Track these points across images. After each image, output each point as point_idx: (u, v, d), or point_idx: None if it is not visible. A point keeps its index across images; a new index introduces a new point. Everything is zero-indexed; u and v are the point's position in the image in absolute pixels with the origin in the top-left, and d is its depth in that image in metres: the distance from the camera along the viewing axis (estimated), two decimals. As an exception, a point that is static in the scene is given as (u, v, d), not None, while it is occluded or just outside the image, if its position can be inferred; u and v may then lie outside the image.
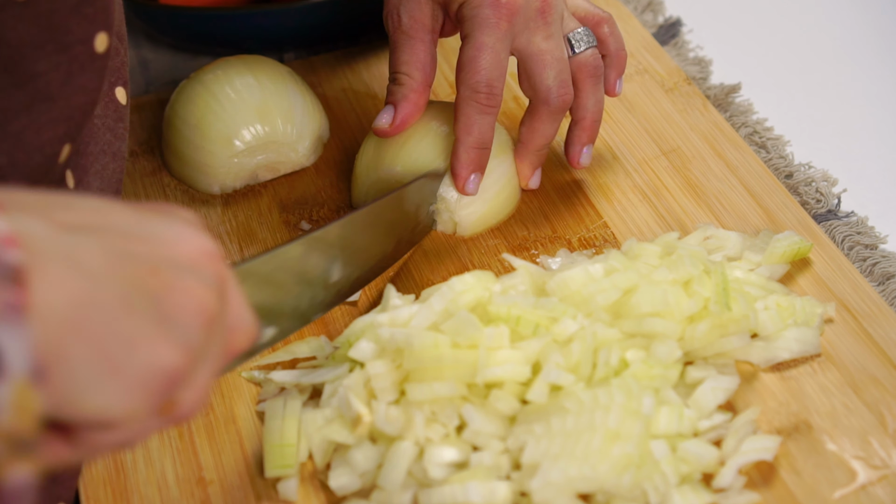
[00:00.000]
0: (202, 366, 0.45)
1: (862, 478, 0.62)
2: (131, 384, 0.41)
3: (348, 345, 0.68)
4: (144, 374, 0.41)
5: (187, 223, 0.46)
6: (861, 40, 1.03)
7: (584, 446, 0.60)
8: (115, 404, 0.41)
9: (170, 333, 0.42)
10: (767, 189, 0.81)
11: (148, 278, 0.42)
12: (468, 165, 0.75)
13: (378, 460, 0.63)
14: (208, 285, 0.44)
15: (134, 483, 0.65)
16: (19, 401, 0.38)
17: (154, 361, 0.41)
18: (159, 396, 0.42)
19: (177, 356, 0.42)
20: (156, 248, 0.43)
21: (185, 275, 0.43)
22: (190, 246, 0.45)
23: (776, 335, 0.68)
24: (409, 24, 0.76)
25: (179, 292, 0.43)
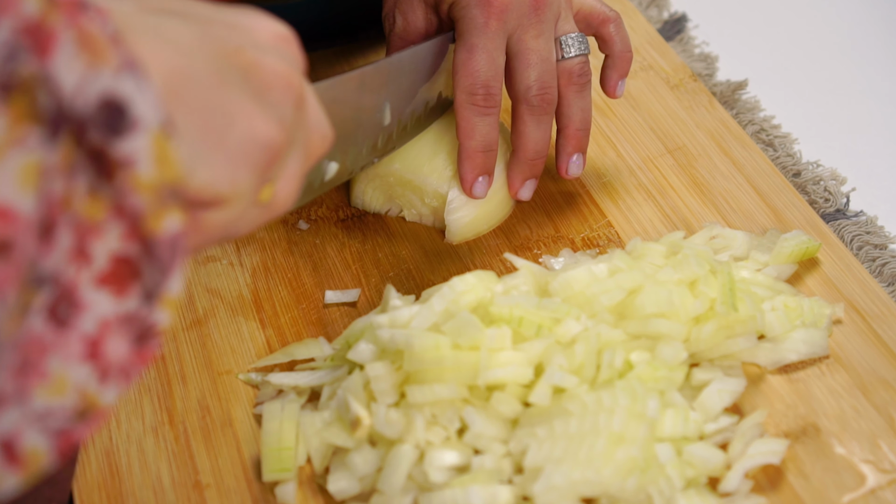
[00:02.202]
0: (293, 151, 0.47)
1: (871, 482, 0.63)
2: (235, 155, 0.43)
3: (347, 346, 0.68)
4: (245, 145, 0.43)
5: (260, 13, 0.48)
6: (870, 36, 1.03)
7: (588, 450, 0.60)
8: (222, 176, 0.43)
9: (264, 108, 0.45)
10: (775, 188, 0.81)
11: (235, 56, 0.44)
12: (473, 170, 0.75)
13: (378, 464, 0.63)
14: (291, 63, 0.47)
15: (129, 487, 0.65)
16: (158, 150, 0.39)
17: (253, 133, 0.44)
18: (260, 170, 0.44)
19: (273, 129, 0.45)
20: (237, 32, 0.45)
21: (268, 53, 0.46)
22: (268, 30, 0.47)
23: (783, 336, 0.68)
24: (402, 27, 0.77)
25: (268, 69, 0.45)
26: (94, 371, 0.39)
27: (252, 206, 0.46)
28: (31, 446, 0.38)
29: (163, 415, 0.69)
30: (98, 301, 0.38)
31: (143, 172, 0.38)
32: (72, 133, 0.37)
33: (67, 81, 0.37)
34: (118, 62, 0.38)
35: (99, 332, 0.39)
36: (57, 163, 0.37)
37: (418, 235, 0.80)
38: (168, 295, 0.40)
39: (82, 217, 0.38)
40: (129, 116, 0.38)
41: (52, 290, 0.37)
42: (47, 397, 0.38)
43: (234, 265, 0.78)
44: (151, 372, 0.71)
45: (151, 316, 0.40)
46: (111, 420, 0.68)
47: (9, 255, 0.35)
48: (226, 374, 0.71)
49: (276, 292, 0.76)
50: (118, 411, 0.69)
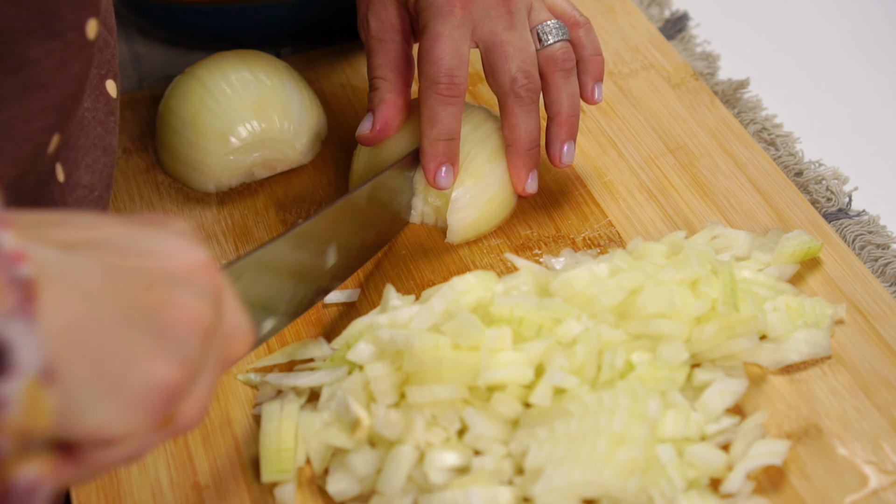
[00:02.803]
0: (200, 378, 0.46)
1: (873, 483, 0.63)
2: (130, 401, 0.42)
3: (347, 347, 0.68)
4: (143, 390, 0.42)
5: (180, 234, 0.47)
6: (873, 35, 1.03)
7: (589, 450, 0.60)
8: (115, 421, 0.42)
9: (167, 349, 0.43)
10: (776, 187, 0.81)
11: (143, 294, 0.43)
12: (435, 158, 0.75)
13: (377, 465, 0.63)
14: (203, 298, 0.45)
15: (127, 488, 0.65)
16: (30, 398, 0.39)
17: (152, 378, 0.43)
18: (159, 411, 0.43)
19: (174, 371, 0.43)
20: (150, 263, 0.44)
21: (179, 289, 0.44)
22: (184, 259, 0.45)
23: (785, 337, 0.68)
24: (377, 28, 0.77)
25: (175, 307, 0.44)
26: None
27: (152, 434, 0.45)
28: None
29: (161, 415, 0.69)
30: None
31: (9, 416, 0.38)
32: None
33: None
34: (10, 307, 0.38)
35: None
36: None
37: (418, 235, 0.80)
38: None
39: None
40: (8, 360, 0.38)
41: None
42: None
43: (233, 265, 0.78)
44: (150, 372, 0.71)
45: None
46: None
47: None
48: (224, 375, 0.71)
49: (276, 292, 0.76)
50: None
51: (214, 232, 0.81)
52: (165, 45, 1.00)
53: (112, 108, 0.67)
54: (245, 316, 0.49)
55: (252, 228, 0.81)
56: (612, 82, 0.91)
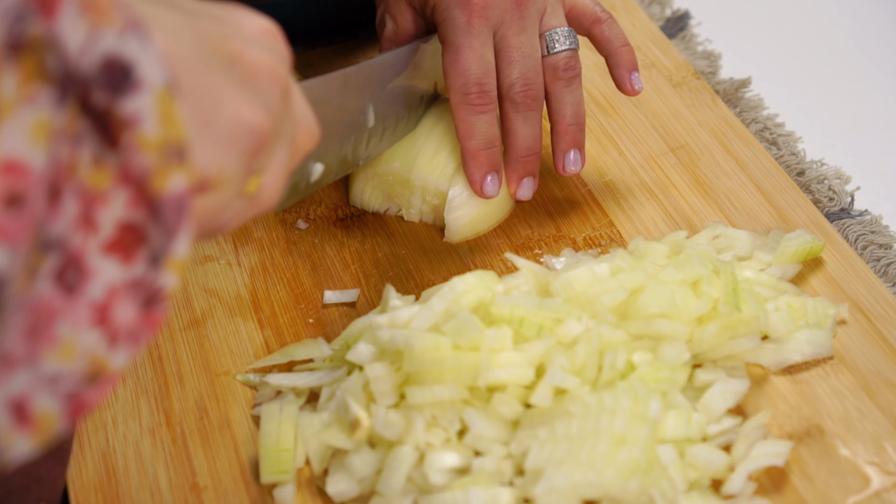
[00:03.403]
0: (280, 143, 0.48)
1: (876, 484, 0.63)
2: (222, 138, 0.44)
3: (346, 347, 0.68)
4: (233, 129, 0.44)
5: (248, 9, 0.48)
6: (874, 34, 1.03)
7: (590, 451, 0.60)
8: (210, 159, 0.43)
9: (251, 95, 0.45)
10: (778, 187, 0.81)
11: (222, 43, 0.45)
12: (479, 168, 0.75)
13: (377, 466, 0.63)
14: (278, 56, 0.47)
15: (126, 489, 0.65)
16: (163, 110, 0.39)
17: (240, 118, 0.44)
18: (248, 156, 0.45)
19: (260, 115, 0.45)
20: (223, 24, 0.46)
21: (255, 45, 0.46)
22: (255, 24, 0.48)
23: (787, 337, 0.68)
24: (392, 31, 0.78)
25: (254, 59, 0.46)
26: (102, 336, 0.39)
27: (238, 196, 0.47)
28: (43, 409, 0.38)
29: (160, 416, 0.69)
30: (105, 268, 0.39)
31: (148, 131, 0.39)
32: (78, 96, 0.38)
33: (72, 42, 0.38)
34: (122, 23, 0.39)
35: (107, 298, 0.39)
36: (64, 127, 0.37)
37: (418, 235, 0.80)
38: (175, 258, 0.41)
39: (88, 186, 0.39)
40: (133, 76, 0.39)
41: (60, 256, 0.38)
42: (57, 362, 0.39)
43: (232, 265, 0.78)
44: (148, 373, 0.71)
45: (158, 280, 0.40)
46: (108, 421, 0.68)
47: (22, 209, 0.36)
48: (224, 375, 0.71)
49: (275, 292, 0.76)
50: (115, 412, 0.69)
51: (213, 232, 0.81)
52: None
53: None
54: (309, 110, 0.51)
55: (251, 228, 0.81)
56: (613, 81, 0.91)
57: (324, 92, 0.67)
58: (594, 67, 0.92)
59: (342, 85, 0.69)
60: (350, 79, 0.69)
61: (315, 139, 0.52)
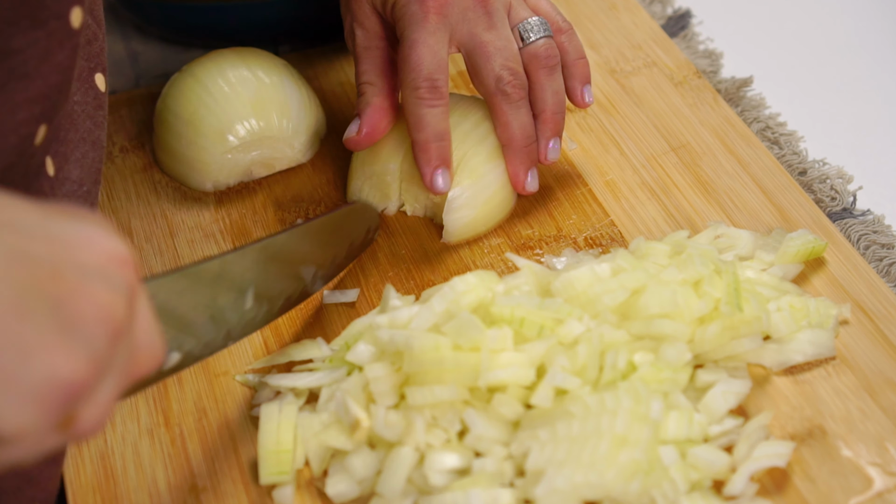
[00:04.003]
0: (106, 381, 0.43)
1: (878, 485, 0.63)
2: (26, 395, 0.39)
3: (346, 347, 0.68)
4: (41, 385, 0.40)
5: (98, 225, 0.44)
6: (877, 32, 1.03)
7: (591, 452, 0.60)
8: (9, 418, 0.39)
9: (71, 342, 0.40)
10: (780, 186, 0.81)
11: (48, 283, 0.40)
12: (429, 162, 0.75)
13: (377, 467, 0.63)
14: (116, 292, 0.42)
15: (124, 490, 0.65)
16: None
17: (52, 372, 0.40)
18: (58, 410, 0.40)
19: (78, 366, 0.40)
20: (60, 251, 0.41)
21: (90, 280, 0.41)
22: (98, 248, 0.43)
23: (789, 337, 0.69)
24: (362, 37, 0.78)
25: (83, 297, 0.41)
26: None
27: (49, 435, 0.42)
28: None
29: (158, 417, 0.69)
30: None
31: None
32: None
33: None
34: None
35: None
36: None
37: (418, 234, 0.80)
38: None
39: None
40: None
41: None
42: None
43: (231, 265, 0.78)
44: (147, 373, 0.71)
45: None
46: (106, 422, 0.68)
47: None
48: (222, 376, 0.71)
49: (274, 292, 0.76)
50: (113, 414, 0.69)
51: (212, 231, 0.81)
52: (162, 42, 1.00)
53: (101, 103, 0.67)
54: (157, 328, 0.46)
55: (250, 228, 0.81)
56: (615, 80, 0.91)
57: (190, 284, 0.58)
58: (595, 66, 0.92)
59: (218, 272, 0.61)
60: (230, 265, 0.62)
61: (158, 361, 0.46)
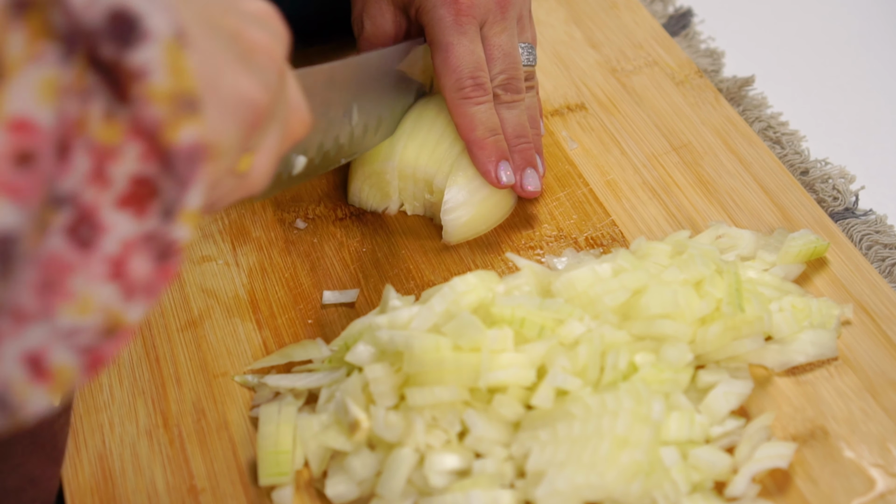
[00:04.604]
0: (274, 123, 0.48)
1: (881, 486, 0.63)
2: (223, 106, 0.44)
3: (346, 348, 0.68)
4: (232, 98, 0.44)
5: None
6: (879, 32, 1.03)
7: (592, 453, 0.60)
8: (211, 124, 0.43)
9: (250, 69, 0.46)
10: (782, 186, 0.81)
11: (222, 19, 0.45)
12: (490, 158, 0.76)
13: (377, 468, 0.63)
14: (276, 37, 0.48)
15: (122, 491, 0.65)
16: (172, 60, 0.40)
17: (240, 89, 0.45)
18: (245, 127, 0.45)
19: (258, 90, 0.45)
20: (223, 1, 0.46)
21: (253, 23, 0.47)
22: (253, 3, 0.48)
23: (791, 338, 0.69)
24: (371, 32, 0.79)
25: (253, 36, 0.46)
26: (118, 290, 0.40)
27: (230, 173, 0.47)
28: (60, 362, 0.39)
29: (157, 418, 0.69)
30: (119, 222, 0.40)
31: (158, 82, 0.39)
32: (85, 51, 0.38)
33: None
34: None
35: (121, 252, 0.40)
36: (72, 83, 0.38)
37: (418, 234, 0.80)
38: (188, 209, 0.41)
39: (99, 141, 0.39)
40: (140, 27, 0.39)
41: (72, 212, 0.39)
42: (73, 316, 0.39)
43: (230, 265, 0.78)
44: (145, 374, 0.71)
45: (172, 233, 0.41)
46: (104, 423, 0.69)
47: (32, 167, 0.36)
48: (221, 377, 0.71)
49: (273, 293, 0.76)
50: (112, 414, 0.69)
51: (211, 231, 0.81)
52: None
53: None
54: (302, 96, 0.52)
55: (249, 228, 0.81)
56: (616, 79, 0.91)
57: (310, 83, 0.67)
58: (596, 66, 0.92)
59: (328, 79, 0.69)
60: (336, 73, 0.70)
61: (307, 126, 0.52)
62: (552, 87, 0.91)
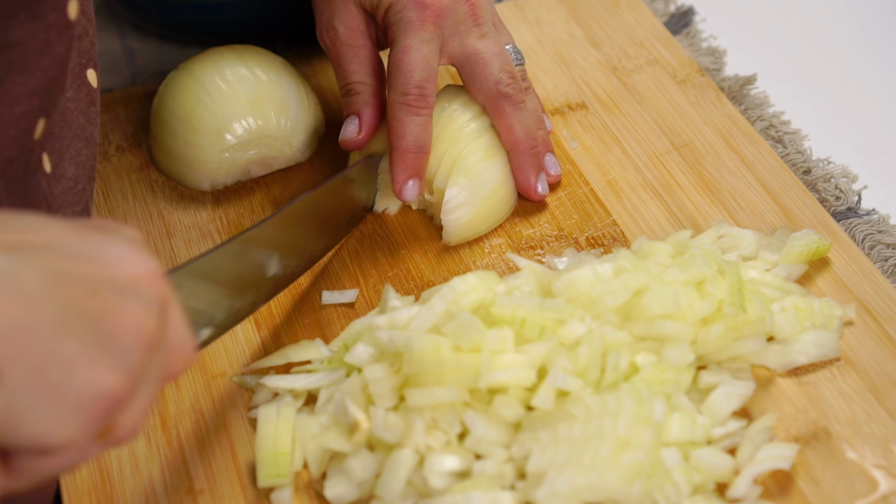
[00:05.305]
0: (142, 389, 0.46)
1: (883, 488, 0.63)
2: (70, 409, 0.42)
3: (345, 348, 0.68)
4: (83, 398, 0.43)
5: (129, 241, 0.47)
6: (882, 30, 1.03)
7: (593, 454, 0.60)
8: (53, 429, 0.42)
9: (110, 357, 0.43)
10: (784, 185, 0.81)
11: (87, 301, 0.43)
12: (404, 171, 0.76)
13: (376, 469, 0.63)
14: (149, 307, 0.45)
15: (121, 493, 0.65)
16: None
17: (93, 386, 0.43)
18: (98, 421, 0.43)
19: (117, 380, 0.43)
20: (96, 269, 0.44)
21: (125, 297, 0.44)
22: (131, 266, 0.46)
23: (793, 338, 0.69)
24: (346, 34, 0.78)
25: (119, 315, 0.44)
26: None
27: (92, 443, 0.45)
28: None
29: (155, 419, 0.69)
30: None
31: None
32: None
33: None
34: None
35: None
36: None
37: (418, 234, 0.80)
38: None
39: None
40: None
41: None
42: None
43: (229, 265, 0.78)
44: (143, 375, 0.71)
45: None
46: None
47: None
48: (220, 377, 0.71)
49: (272, 293, 0.76)
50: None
51: (209, 231, 0.81)
52: (159, 40, 1.00)
53: (93, 99, 0.67)
54: (189, 330, 0.49)
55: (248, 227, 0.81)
56: (617, 78, 0.91)
57: (217, 265, 0.63)
58: (596, 64, 0.92)
59: (239, 252, 0.65)
60: (251, 241, 0.66)
61: (190, 363, 0.50)
62: (553, 86, 0.91)
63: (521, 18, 0.97)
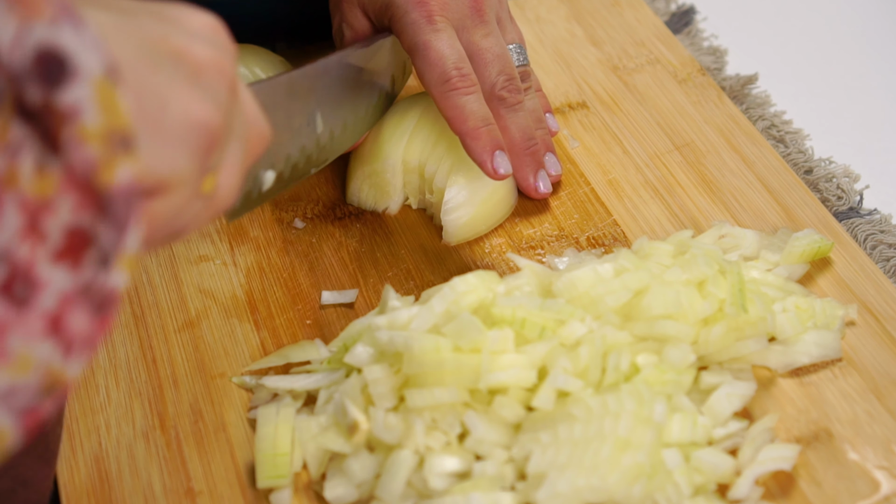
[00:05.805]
0: (232, 140, 0.47)
1: (885, 488, 0.63)
2: (173, 138, 0.43)
3: (345, 349, 0.68)
4: (183, 127, 0.43)
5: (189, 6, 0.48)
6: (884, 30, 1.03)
7: (593, 455, 0.60)
8: (162, 160, 0.43)
9: (199, 90, 0.44)
10: (786, 185, 0.81)
11: (163, 43, 0.44)
12: (484, 149, 0.74)
13: (376, 470, 0.63)
14: (224, 50, 0.46)
15: (119, 494, 0.65)
16: (103, 97, 0.39)
17: (190, 115, 0.44)
18: (201, 154, 0.44)
19: (210, 110, 0.44)
20: (163, 22, 0.45)
21: (198, 40, 0.45)
22: (197, 20, 0.47)
23: (795, 339, 0.69)
24: (351, 38, 0.79)
25: (198, 54, 0.45)
26: (56, 346, 0.39)
27: (195, 197, 0.46)
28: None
29: (154, 419, 0.69)
30: (56, 277, 0.39)
31: (90, 122, 0.38)
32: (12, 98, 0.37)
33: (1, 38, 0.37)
34: (53, 11, 0.38)
35: (59, 307, 0.39)
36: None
37: (418, 234, 0.80)
38: (125, 254, 0.40)
39: (31, 195, 0.38)
40: (69, 65, 0.38)
41: (5, 269, 0.38)
42: (11, 376, 0.38)
43: (228, 265, 0.78)
44: (142, 375, 0.71)
45: (109, 281, 0.40)
46: (100, 425, 0.69)
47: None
48: (219, 378, 0.71)
49: (271, 293, 0.76)
50: (108, 416, 0.69)
51: (209, 231, 0.81)
52: (158, 39, 1.00)
53: None
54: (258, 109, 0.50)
55: (247, 228, 0.81)
56: (617, 77, 0.91)
57: (270, 96, 0.66)
58: (597, 63, 0.92)
59: (288, 89, 0.68)
60: (295, 83, 0.68)
61: (266, 139, 0.51)
62: (553, 86, 0.91)
63: (521, 17, 0.97)
